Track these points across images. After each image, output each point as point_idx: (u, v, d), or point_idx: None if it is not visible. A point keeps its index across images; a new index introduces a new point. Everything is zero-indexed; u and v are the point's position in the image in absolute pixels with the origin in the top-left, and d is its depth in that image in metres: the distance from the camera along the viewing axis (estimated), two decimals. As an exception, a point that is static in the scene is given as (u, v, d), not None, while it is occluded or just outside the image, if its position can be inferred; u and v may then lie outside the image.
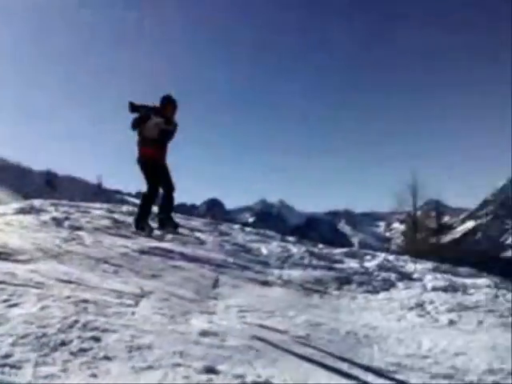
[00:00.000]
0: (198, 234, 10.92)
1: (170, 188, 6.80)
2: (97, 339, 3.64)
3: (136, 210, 9.92)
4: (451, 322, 7.05)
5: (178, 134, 8.05)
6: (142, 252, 7.85)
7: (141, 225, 6.24)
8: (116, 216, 11.05)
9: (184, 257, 8.16)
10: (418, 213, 40.19)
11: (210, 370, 3.50)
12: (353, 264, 10.41)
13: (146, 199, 6.63)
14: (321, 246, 13.03)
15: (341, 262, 10.62)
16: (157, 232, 8.87)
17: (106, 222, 10.01)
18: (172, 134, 6.89)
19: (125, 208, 13.08)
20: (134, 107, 6.93)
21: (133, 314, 4.59)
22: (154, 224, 9.58)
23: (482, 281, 10.40)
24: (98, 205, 13.10)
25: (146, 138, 6.54)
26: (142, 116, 6.79)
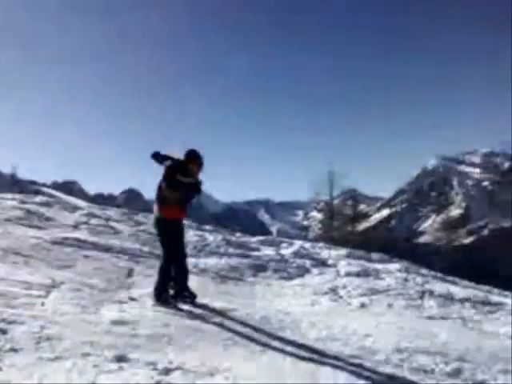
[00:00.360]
0: (113, 224, 10.81)
1: (184, 254, 6.44)
2: (3, 331, 3.58)
3: (49, 200, 9.64)
4: (363, 306, 7.31)
5: None
6: (55, 243, 7.70)
7: (163, 298, 5.88)
8: (29, 206, 10.78)
9: (97, 247, 8.07)
10: (336, 202, 41.10)
11: (121, 359, 3.51)
12: (269, 252, 10.58)
13: (166, 270, 6.16)
14: (238, 234, 13.18)
15: (257, 249, 10.77)
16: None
17: (18, 213, 9.75)
18: (198, 193, 6.60)
19: (38, 199, 12.77)
20: (160, 158, 6.58)
21: (42, 304, 4.52)
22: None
23: (394, 266, 10.84)
24: (10, 195, 12.74)
25: (170, 197, 6.17)
26: (173, 179, 6.42)
